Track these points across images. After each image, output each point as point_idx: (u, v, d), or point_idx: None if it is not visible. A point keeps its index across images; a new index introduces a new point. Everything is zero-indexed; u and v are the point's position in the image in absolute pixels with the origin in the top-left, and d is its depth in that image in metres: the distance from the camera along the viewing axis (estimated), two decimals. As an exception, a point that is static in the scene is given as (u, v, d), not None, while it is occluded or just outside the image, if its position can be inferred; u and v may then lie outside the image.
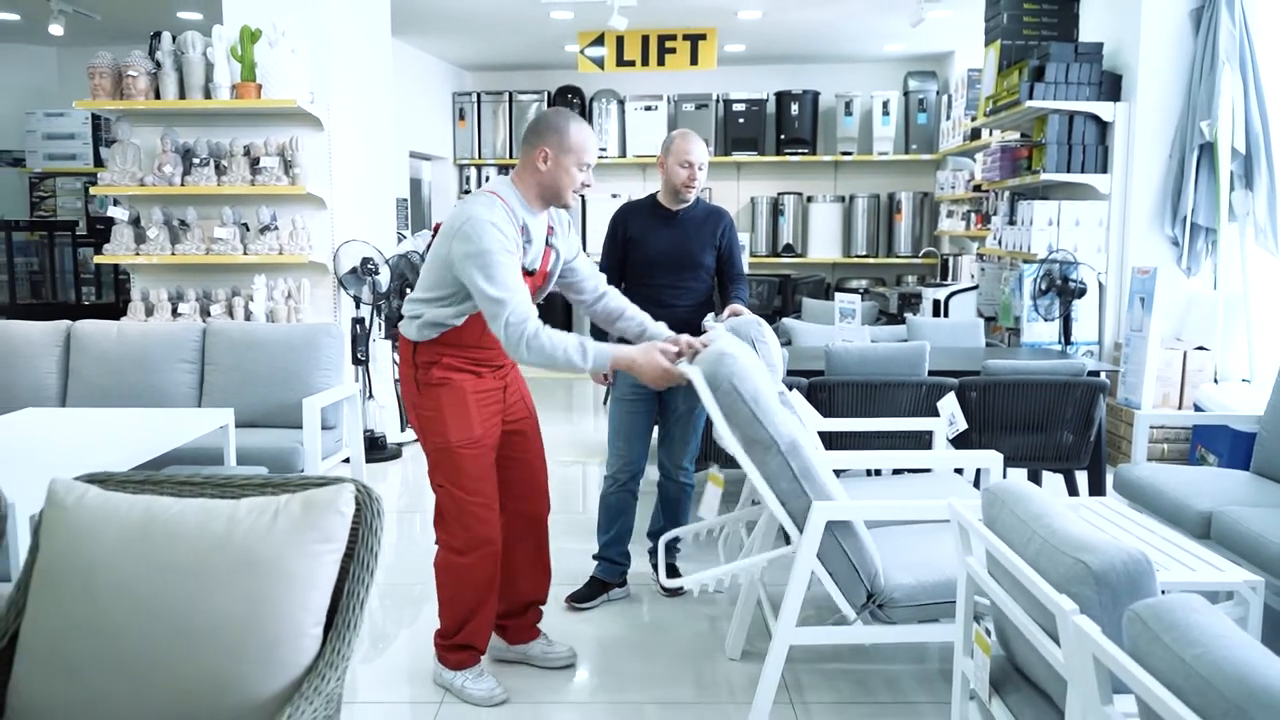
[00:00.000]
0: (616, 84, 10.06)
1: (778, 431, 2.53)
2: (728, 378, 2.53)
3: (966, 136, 8.19)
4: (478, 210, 2.59)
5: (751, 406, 2.52)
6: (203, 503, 1.79)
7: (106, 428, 3.56)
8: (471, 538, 2.81)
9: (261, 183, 5.44)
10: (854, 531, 2.57)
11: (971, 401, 4.06)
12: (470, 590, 2.86)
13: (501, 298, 2.53)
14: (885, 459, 3.14)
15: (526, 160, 2.75)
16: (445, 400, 2.76)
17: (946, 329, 5.42)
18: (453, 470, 2.78)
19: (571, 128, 2.72)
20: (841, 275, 9.99)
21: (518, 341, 2.54)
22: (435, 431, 2.78)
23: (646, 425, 3.71)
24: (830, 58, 9.77)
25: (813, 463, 2.57)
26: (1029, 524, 1.84)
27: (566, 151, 2.70)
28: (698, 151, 3.58)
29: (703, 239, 3.67)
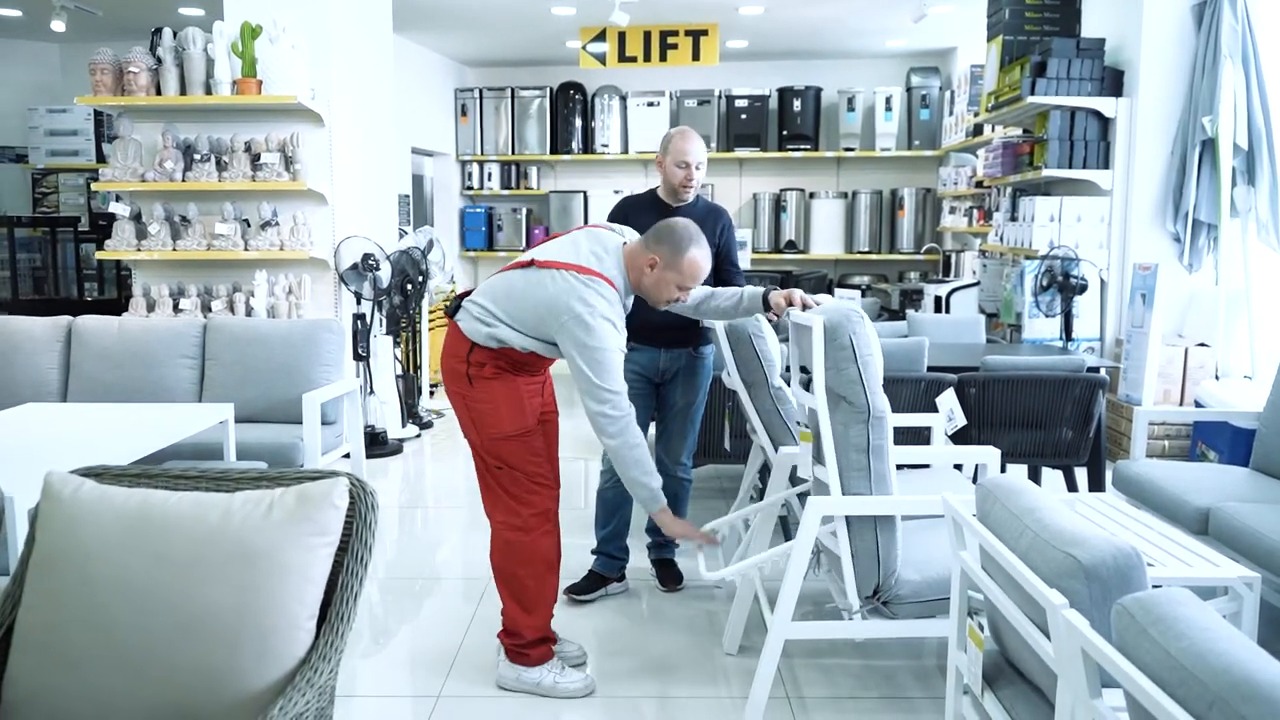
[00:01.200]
0: (619, 80, 10.06)
1: (876, 401, 2.54)
2: (850, 332, 2.54)
3: (969, 132, 8.18)
4: (602, 307, 2.68)
5: (861, 368, 2.53)
6: (198, 496, 1.80)
7: (106, 423, 3.57)
8: (534, 513, 2.85)
9: (262, 178, 5.45)
10: (892, 527, 2.57)
11: (971, 397, 4.06)
12: (535, 568, 2.88)
13: (612, 391, 2.69)
14: (882, 454, 3.14)
15: (640, 255, 2.81)
16: (500, 394, 2.80)
17: (947, 325, 5.42)
18: (512, 454, 2.83)
19: (688, 253, 2.78)
20: (844, 271, 9.98)
21: (617, 433, 2.70)
22: (492, 423, 2.82)
23: (643, 420, 3.70)
24: (833, 53, 9.76)
25: (888, 444, 2.57)
26: (1021, 518, 1.84)
27: (674, 269, 2.78)
28: (695, 151, 3.58)
29: (705, 236, 3.68)
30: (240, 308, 5.50)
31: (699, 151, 3.59)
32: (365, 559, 1.84)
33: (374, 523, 1.86)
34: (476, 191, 10.42)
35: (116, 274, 8.56)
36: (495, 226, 10.40)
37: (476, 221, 10.36)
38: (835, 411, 2.58)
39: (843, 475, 2.56)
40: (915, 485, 3.33)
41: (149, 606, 1.69)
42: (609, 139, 10.04)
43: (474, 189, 10.39)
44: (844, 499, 2.55)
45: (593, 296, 2.68)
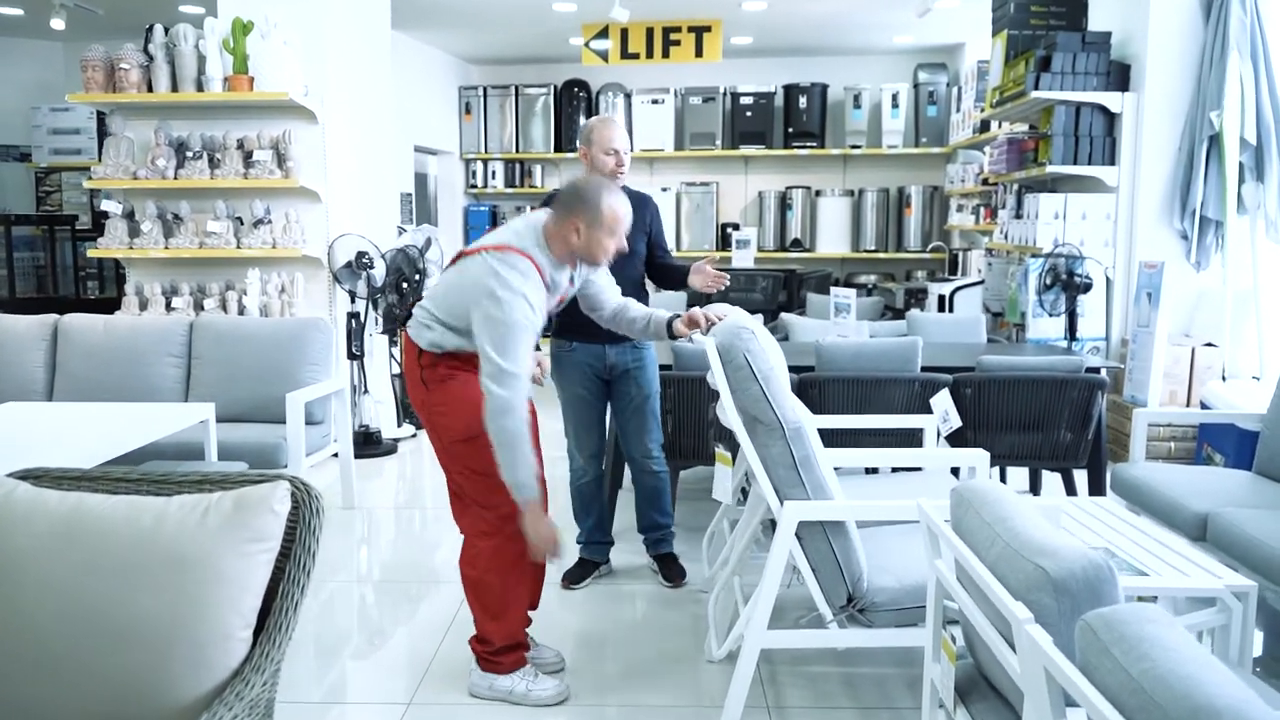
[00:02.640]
0: (623, 77, 9.98)
1: (785, 415, 2.46)
2: (743, 351, 2.47)
3: (976, 129, 8.06)
4: (514, 280, 2.59)
5: (763, 385, 2.46)
6: (132, 500, 1.74)
7: (85, 422, 3.52)
8: (498, 516, 2.74)
9: (255, 176, 5.40)
10: (845, 532, 2.49)
11: (966, 398, 3.97)
12: (500, 573, 2.78)
13: (512, 372, 2.56)
14: (868, 457, 3.06)
15: (559, 227, 2.74)
16: (456, 394, 2.72)
17: (948, 324, 5.32)
18: (475, 456, 2.71)
19: (604, 204, 2.72)
20: (850, 270, 9.88)
21: (503, 412, 2.54)
22: (450, 426, 2.75)
23: (599, 415, 3.70)
24: (839, 50, 9.65)
25: (814, 453, 2.50)
26: (993, 527, 1.76)
27: (598, 225, 2.72)
28: (620, 138, 3.51)
29: (635, 226, 3.57)
30: (233, 306, 5.45)
31: (624, 138, 3.53)
32: (308, 566, 1.77)
33: (318, 528, 1.79)
34: (481, 190, 10.37)
35: (116, 272, 8.55)
36: (499, 225, 10.32)
37: (481, 220, 10.30)
38: (753, 433, 2.50)
39: (780, 492, 2.49)
40: (907, 489, 3.24)
41: (78, 614, 1.63)
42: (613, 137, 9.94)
43: (478, 187, 10.33)
44: (819, 504, 2.47)
45: (505, 270, 2.60)
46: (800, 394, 3.89)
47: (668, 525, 3.82)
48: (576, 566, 3.77)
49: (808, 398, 3.89)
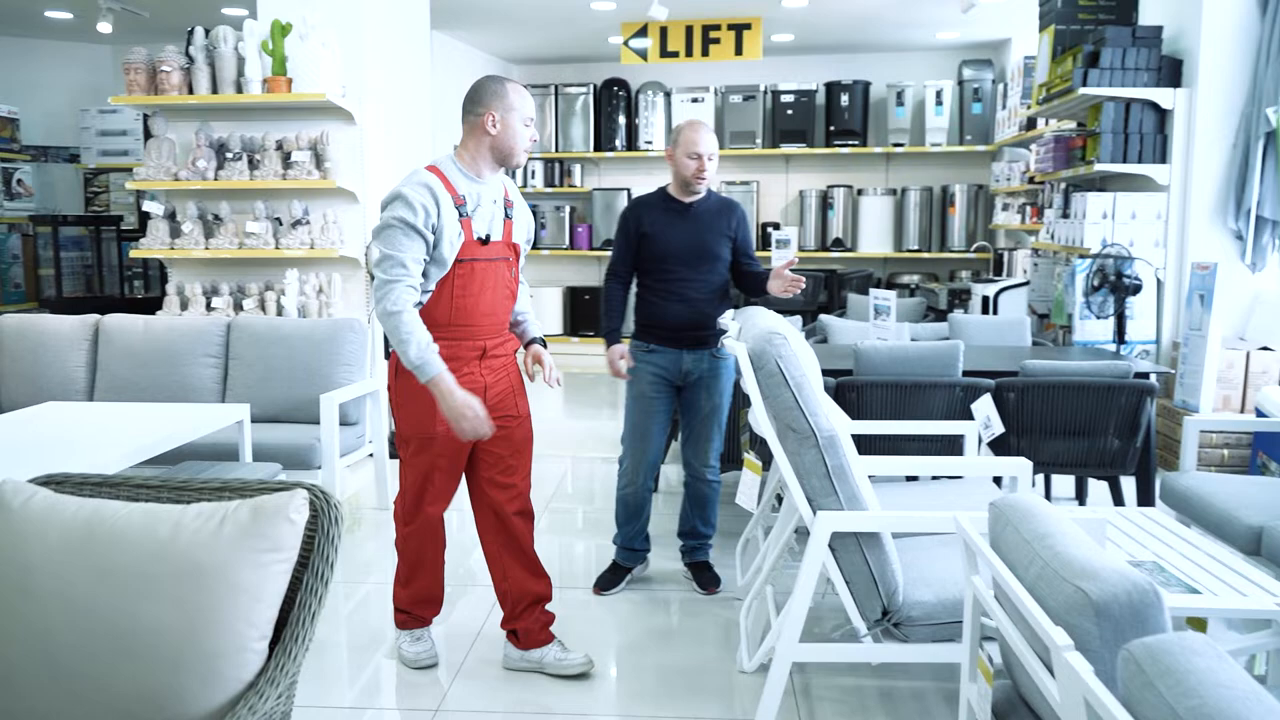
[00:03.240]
0: (663, 76, 9.93)
1: (818, 423, 2.40)
2: (774, 357, 2.41)
3: (1022, 126, 7.90)
4: (399, 184, 2.73)
5: (795, 392, 2.39)
6: (150, 508, 1.72)
7: (122, 422, 3.54)
8: (408, 510, 2.99)
9: (293, 177, 5.42)
10: (880, 543, 2.42)
11: (1009, 404, 3.87)
12: (407, 557, 3.06)
13: (386, 253, 2.67)
14: (905, 466, 2.98)
15: (473, 129, 2.82)
16: (413, 390, 2.79)
17: (990, 327, 5.20)
18: (411, 452, 2.93)
19: (509, 88, 2.82)
20: (893, 270, 9.74)
21: (382, 295, 2.67)
22: (399, 417, 2.92)
23: (664, 423, 3.61)
24: (881, 47, 9.52)
25: (848, 462, 2.43)
26: (1032, 544, 1.68)
27: (510, 110, 2.79)
28: (706, 142, 3.46)
29: (718, 231, 3.57)
30: (272, 306, 5.48)
31: (710, 142, 3.47)
32: (326, 576, 1.74)
33: (337, 537, 1.76)
34: (520, 189, 10.36)
35: (160, 272, 8.67)
36: (539, 224, 10.33)
37: (520, 219, 10.29)
38: (785, 440, 2.44)
39: (813, 501, 2.42)
40: (948, 498, 3.16)
41: (91, 624, 1.61)
42: (653, 135, 9.92)
43: (518, 186, 10.32)
44: (853, 515, 2.40)
45: (401, 181, 2.75)
46: (838, 398, 3.81)
47: (708, 536, 3.77)
48: (608, 572, 3.72)
49: (845, 402, 3.81)
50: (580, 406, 7.85)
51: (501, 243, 2.88)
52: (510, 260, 2.92)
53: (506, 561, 3.03)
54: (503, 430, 2.91)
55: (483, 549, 3.07)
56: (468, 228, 2.77)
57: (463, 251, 2.76)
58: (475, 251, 2.79)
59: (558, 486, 5.34)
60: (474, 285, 2.79)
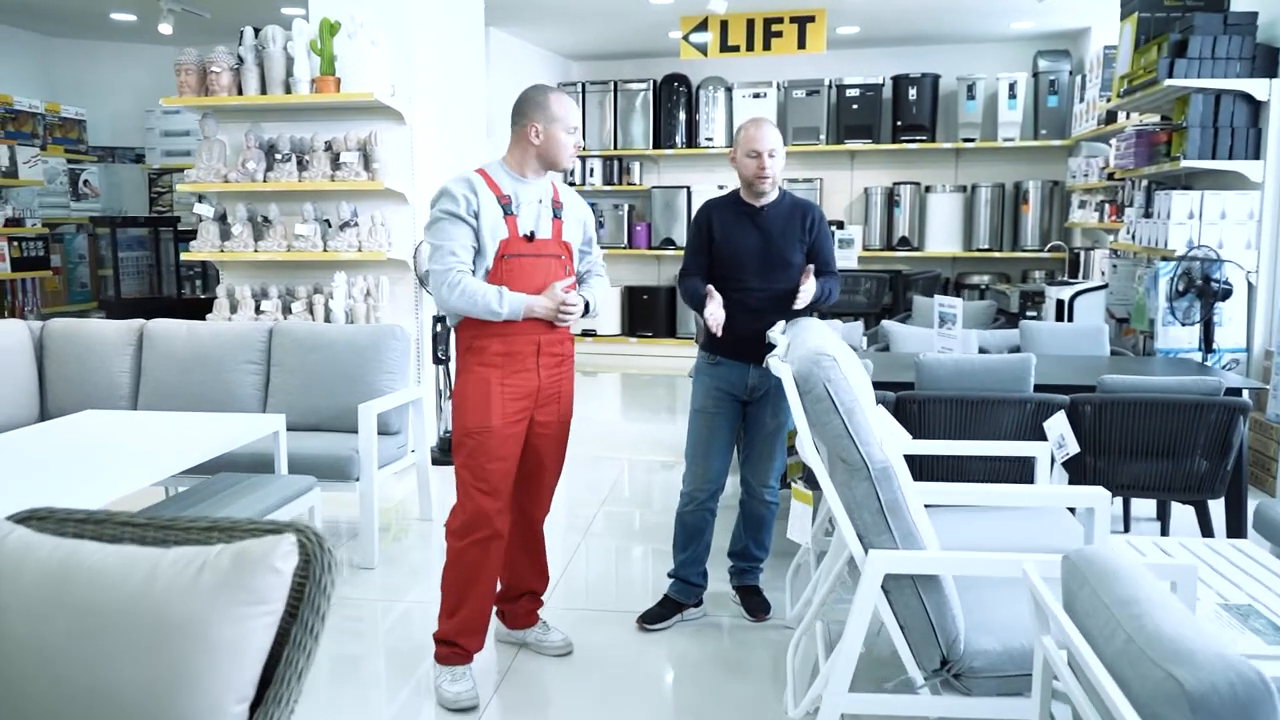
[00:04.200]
0: (724, 71, 9.70)
1: (871, 453, 2.19)
2: (823, 381, 2.20)
3: (1101, 120, 7.51)
4: (449, 181, 2.87)
5: (845, 419, 2.18)
6: (128, 551, 1.58)
7: (157, 434, 3.47)
8: (468, 520, 2.90)
9: (341, 178, 5.34)
10: (938, 586, 2.20)
11: (1086, 421, 3.59)
12: (458, 575, 2.93)
13: (435, 244, 2.83)
14: (967, 495, 2.74)
15: (518, 138, 2.92)
16: (472, 387, 2.89)
17: (1065, 335, 4.89)
18: (467, 453, 2.90)
19: (551, 99, 2.90)
20: (962, 270, 9.38)
21: (440, 283, 2.80)
22: (458, 415, 2.93)
23: (728, 440, 3.41)
24: (951, 38, 9.16)
25: (904, 496, 2.21)
26: (1113, 611, 1.45)
27: (552, 121, 2.87)
28: (766, 138, 3.25)
29: (791, 235, 3.34)
30: (320, 310, 5.40)
31: (770, 138, 3.25)
32: (316, 629, 1.58)
33: (329, 585, 1.60)
34: (578, 187, 10.22)
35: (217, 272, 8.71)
36: (597, 222, 10.16)
37: (578, 218, 10.15)
38: (834, 471, 2.22)
39: (864, 538, 2.20)
40: (1013, 529, 2.91)
41: (61, 676, 1.48)
42: (713, 132, 9.70)
43: (576, 184, 10.19)
44: (909, 555, 2.18)
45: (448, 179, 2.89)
46: (898, 414, 3.57)
47: (761, 559, 3.56)
48: (657, 605, 3.46)
49: (906, 418, 3.57)
50: (638, 409, 7.70)
51: (551, 240, 2.95)
52: (563, 258, 2.99)
53: (518, 556, 3.18)
54: (547, 430, 3.04)
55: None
56: (512, 224, 2.87)
57: (509, 247, 2.86)
58: (521, 248, 2.88)
59: (612, 489, 5.18)
60: (521, 281, 2.86)
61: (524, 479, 3.09)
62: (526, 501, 3.14)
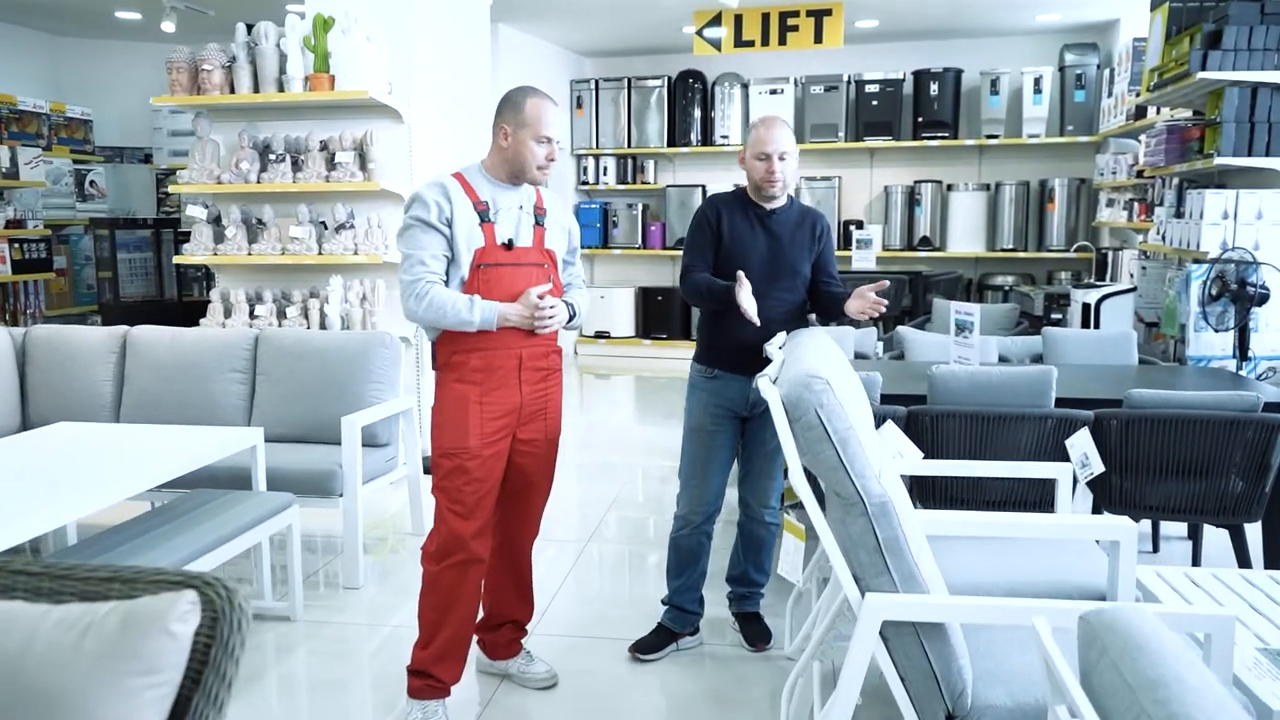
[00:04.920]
0: (741, 67, 9.47)
1: (867, 487, 1.97)
2: (814, 407, 1.98)
3: (1130, 115, 7.23)
4: (422, 187, 2.72)
5: (839, 449, 1.96)
6: (12, 608, 1.39)
7: (128, 447, 3.31)
8: (443, 544, 2.75)
9: (337, 179, 5.17)
10: (943, 633, 1.98)
11: (1111, 437, 3.35)
12: (433, 602, 2.77)
13: (405, 253, 2.67)
14: (977, 525, 2.51)
15: (493, 139, 2.76)
16: (449, 405, 2.74)
17: (1091, 342, 4.63)
18: (443, 474, 2.75)
19: (527, 102, 2.70)
20: (985, 271, 9.11)
21: (407, 294, 2.64)
22: (434, 434, 2.79)
23: (726, 460, 3.19)
24: (974, 31, 8.88)
25: (904, 534, 1.99)
26: (1137, 695, 1.23)
27: (522, 126, 2.69)
28: (777, 139, 3.02)
29: (801, 244, 3.13)
30: (315, 315, 5.24)
31: (782, 140, 3.03)
32: (222, 698, 1.39)
33: (238, 646, 1.41)
34: (592, 186, 10.04)
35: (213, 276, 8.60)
36: (610, 223, 9.99)
37: (591, 218, 9.97)
38: (829, 506, 2.00)
39: (861, 580, 1.98)
40: (1029, 564, 2.68)
41: (-76, 760, 1.30)
42: (729, 130, 9.48)
43: (589, 184, 10.01)
44: (910, 600, 1.96)
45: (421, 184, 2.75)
46: (909, 429, 3.35)
47: (761, 584, 3.34)
48: (651, 634, 3.26)
49: (917, 434, 3.35)
50: (650, 413, 7.50)
51: (532, 249, 2.79)
52: (545, 267, 2.82)
53: (501, 582, 3.03)
54: (533, 449, 2.87)
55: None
56: (489, 232, 2.72)
57: (485, 256, 2.70)
58: (499, 256, 2.72)
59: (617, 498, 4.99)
60: (500, 291, 2.71)
61: (508, 500, 2.93)
62: (512, 524, 2.99)
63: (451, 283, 2.72)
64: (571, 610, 3.66)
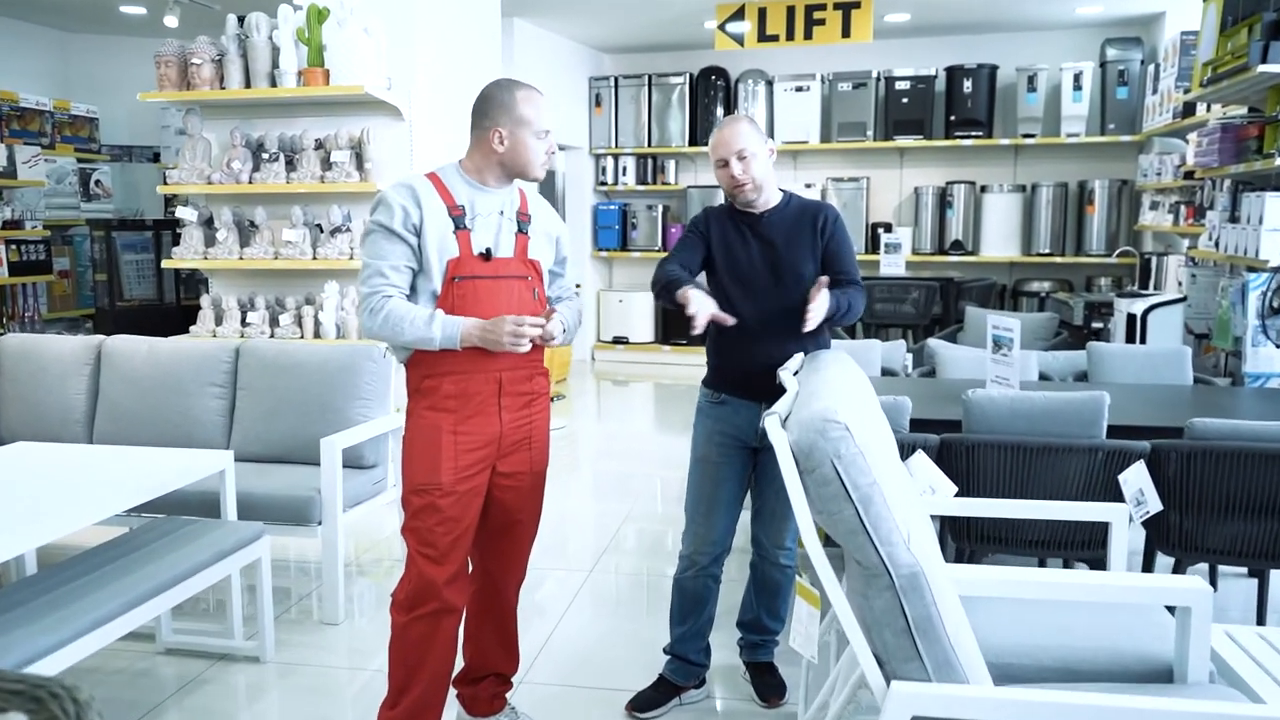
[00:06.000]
0: (764, 63, 9.13)
1: (895, 556, 1.62)
2: (830, 458, 1.63)
3: (1177, 113, 6.81)
4: (388, 189, 2.46)
5: (860, 510, 1.62)
6: None
7: (92, 471, 3.03)
8: (414, 592, 2.46)
9: (332, 179, 4.88)
10: None
11: (1169, 471, 2.99)
12: (402, 655, 2.49)
13: (365, 261, 2.43)
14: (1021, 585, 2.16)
15: (478, 143, 2.51)
16: (419, 436, 2.46)
17: (1140, 359, 4.25)
18: (412, 513, 2.47)
19: (519, 98, 2.46)
20: (1020, 276, 8.70)
21: (363, 308, 2.40)
22: (404, 468, 2.51)
23: (735, 494, 2.85)
24: (1010, 25, 8.48)
25: (938, 611, 1.65)
26: None
27: (520, 125, 2.46)
28: (729, 141, 2.68)
29: (800, 243, 2.76)
30: (310, 322, 4.96)
31: (739, 138, 2.67)
32: None
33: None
34: (611, 187, 9.73)
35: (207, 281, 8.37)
36: (630, 224, 9.67)
37: (610, 219, 9.66)
38: (848, 574, 1.67)
39: (886, 664, 1.65)
40: (1084, 626, 2.33)
41: None
42: (753, 128, 9.12)
43: (608, 184, 9.69)
44: (946, 690, 1.62)
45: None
46: (941, 461, 3.01)
47: (776, 631, 3.01)
48: (651, 688, 2.94)
49: (951, 466, 3.00)
50: (670, 423, 7.19)
51: (514, 259, 2.49)
52: (529, 279, 2.52)
53: (483, 631, 2.74)
54: (517, 483, 2.58)
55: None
56: (465, 241, 2.43)
57: (460, 267, 2.41)
58: (475, 268, 2.43)
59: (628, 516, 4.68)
60: (477, 307, 2.41)
61: (489, 540, 2.64)
62: (493, 567, 2.69)
63: (421, 297, 2.43)
64: (567, 652, 3.34)
